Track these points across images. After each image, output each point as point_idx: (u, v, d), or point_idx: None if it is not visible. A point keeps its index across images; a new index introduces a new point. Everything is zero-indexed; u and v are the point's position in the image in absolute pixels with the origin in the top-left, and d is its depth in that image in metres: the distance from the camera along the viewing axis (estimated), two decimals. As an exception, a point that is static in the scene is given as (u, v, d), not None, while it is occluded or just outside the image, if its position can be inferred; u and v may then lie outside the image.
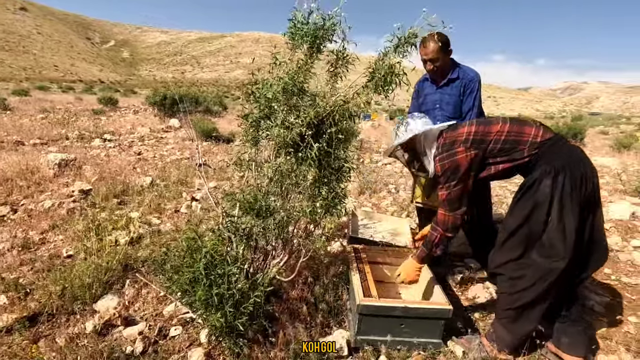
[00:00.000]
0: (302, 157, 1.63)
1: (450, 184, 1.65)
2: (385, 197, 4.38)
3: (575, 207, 1.49)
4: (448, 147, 1.67)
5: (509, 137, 1.60)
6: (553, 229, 1.51)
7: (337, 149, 1.65)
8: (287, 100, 1.61)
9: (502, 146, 1.61)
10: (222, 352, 1.68)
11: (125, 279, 2.26)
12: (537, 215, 1.55)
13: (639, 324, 2.05)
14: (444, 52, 2.20)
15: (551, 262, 1.52)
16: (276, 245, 1.87)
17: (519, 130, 1.61)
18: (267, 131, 1.69)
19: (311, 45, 1.62)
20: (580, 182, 1.50)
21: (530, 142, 1.57)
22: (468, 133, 1.66)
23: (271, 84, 1.60)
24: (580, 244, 1.53)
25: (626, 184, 4.90)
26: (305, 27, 1.58)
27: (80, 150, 5.96)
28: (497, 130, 1.62)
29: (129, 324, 1.90)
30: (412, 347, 1.72)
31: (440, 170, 1.69)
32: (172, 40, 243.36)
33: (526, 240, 1.59)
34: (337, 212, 1.82)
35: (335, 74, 1.74)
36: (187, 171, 4.85)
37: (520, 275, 1.60)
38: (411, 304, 1.69)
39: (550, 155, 1.55)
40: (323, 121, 1.63)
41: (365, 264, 2.03)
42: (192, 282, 1.49)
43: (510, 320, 1.67)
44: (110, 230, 2.83)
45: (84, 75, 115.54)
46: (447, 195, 1.67)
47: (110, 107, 15.06)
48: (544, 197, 1.52)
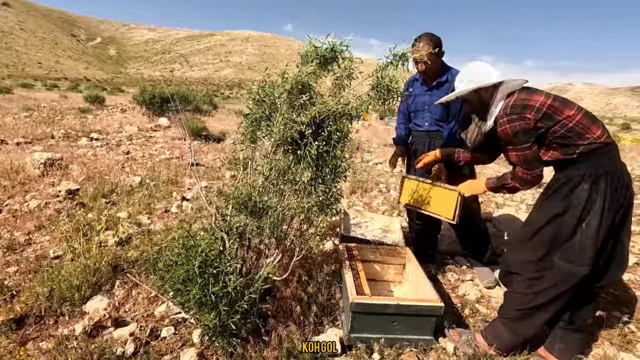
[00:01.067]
0: (300, 156, 1.65)
1: (524, 145, 1.57)
2: (377, 196, 4.41)
3: (611, 216, 1.49)
4: (520, 110, 1.56)
5: (576, 127, 1.52)
6: (588, 234, 1.49)
7: (335, 148, 1.67)
8: (292, 102, 1.65)
9: (566, 133, 1.53)
10: (214, 352, 1.67)
11: (115, 279, 2.23)
12: (569, 217, 1.52)
13: (622, 318, 2.11)
14: (435, 54, 2.21)
15: (573, 267, 1.51)
16: (269, 244, 1.87)
17: (587, 124, 1.52)
18: (267, 129, 1.71)
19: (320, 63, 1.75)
20: (618, 192, 1.49)
21: (590, 142, 1.50)
22: (543, 103, 1.54)
23: (278, 85, 1.64)
24: (604, 253, 1.54)
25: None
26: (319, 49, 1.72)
27: (67, 150, 5.84)
28: (569, 115, 1.53)
29: (119, 325, 1.88)
30: (404, 344, 1.73)
31: (510, 131, 1.58)
32: (161, 38, 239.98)
33: (551, 241, 1.57)
34: (331, 211, 1.84)
35: (339, 86, 1.81)
36: (177, 171, 4.79)
37: (540, 277, 1.59)
38: (403, 301, 1.71)
39: (597, 159, 1.51)
40: (324, 120, 1.66)
41: (357, 262, 2.05)
42: (186, 281, 1.48)
43: (515, 320, 1.66)
44: (98, 231, 2.78)
45: (69, 73, 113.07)
46: (525, 156, 1.59)
47: (97, 106, 14.75)
48: (578, 201, 1.51)
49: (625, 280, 2.59)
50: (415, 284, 2.05)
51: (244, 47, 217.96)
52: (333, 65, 1.83)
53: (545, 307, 1.60)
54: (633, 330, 2.00)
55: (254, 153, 1.92)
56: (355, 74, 1.84)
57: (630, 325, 2.04)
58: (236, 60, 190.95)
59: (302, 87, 1.73)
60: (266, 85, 1.78)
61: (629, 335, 1.94)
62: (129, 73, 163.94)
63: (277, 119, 1.72)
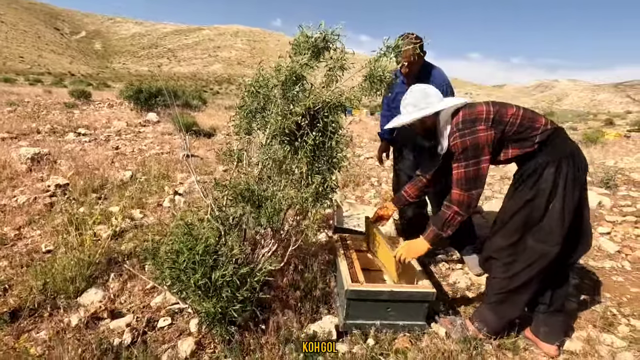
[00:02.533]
0: (297, 146, 1.68)
1: (468, 162, 1.60)
2: (368, 190, 4.46)
3: (576, 195, 1.57)
4: (469, 125, 1.61)
5: (524, 121, 1.60)
6: (554, 216, 1.58)
7: (331, 139, 1.70)
8: (286, 93, 1.66)
9: (518, 129, 1.60)
10: (212, 340, 1.69)
11: (110, 272, 2.22)
12: (538, 202, 1.60)
13: (604, 303, 2.20)
14: (418, 54, 2.24)
15: (545, 247, 1.60)
16: (265, 235, 1.90)
17: (532, 116, 1.62)
18: (262, 121, 1.73)
19: (312, 53, 1.75)
20: (579, 172, 1.59)
21: (542, 130, 1.59)
22: (488, 112, 1.62)
23: (272, 76, 1.66)
24: (572, 231, 1.62)
25: (593, 175, 5.18)
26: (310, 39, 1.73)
27: (54, 145, 5.73)
28: (512, 113, 1.61)
29: (115, 316, 1.88)
30: (398, 329, 1.78)
31: (460, 147, 1.61)
32: (147, 33, 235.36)
33: (524, 226, 1.64)
34: (326, 202, 1.87)
35: (331, 77, 1.83)
36: (168, 165, 4.76)
37: (514, 260, 1.67)
38: (397, 288, 1.76)
39: (554, 145, 1.60)
40: (318, 111, 1.68)
41: (351, 252, 2.09)
42: (187, 269, 1.49)
43: (498, 303, 1.74)
44: (91, 225, 2.76)
45: (52, 67, 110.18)
46: (465, 173, 1.62)
47: (83, 101, 14.44)
48: (546, 185, 1.58)
49: (608, 268, 2.70)
50: (407, 272, 2.10)
51: (233, 42, 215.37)
52: (325, 55, 1.86)
53: (523, 288, 1.68)
54: (614, 314, 2.09)
55: (249, 145, 1.94)
56: (346, 64, 1.87)
57: (611, 309, 2.13)
58: (225, 55, 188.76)
59: (295, 79, 1.75)
60: (260, 77, 1.80)
61: (610, 319, 2.03)
62: (115, 68, 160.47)
63: (272, 110, 1.75)
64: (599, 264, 2.74)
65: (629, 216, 3.67)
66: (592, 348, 1.75)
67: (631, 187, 4.87)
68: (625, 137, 13.86)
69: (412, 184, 2.09)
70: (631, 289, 2.39)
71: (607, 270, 2.67)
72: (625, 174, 5.55)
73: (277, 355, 1.57)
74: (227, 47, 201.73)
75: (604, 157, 7.54)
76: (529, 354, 1.75)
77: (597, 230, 3.34)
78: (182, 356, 1.59)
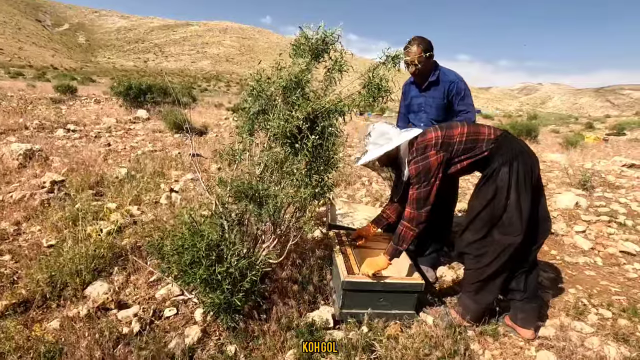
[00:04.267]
0: (298, 149, 1.79)
1: (420, 185, 1.83)
2: (359, 189, 4.61)
3: (529, 189, 1.78)
4: (421, 152, 1.85)
5: (469, 137, 1.84)
6: (512, 209, 1.79)
7: (328, 141, 1.83)
8: (287, 98, 1.77)
9: (465, 146, 1.84)
10: (217, 328, 1.81)
11: (113, 266, 2.30)
12: (498, 199, 1.81)
13: (576, 294, 2.40)
14: (425, 56, 2.29)
15: (509, 238, 1.80)
16: (266, 231, 2.02)
17: (475, 130, 1.86)
18: (264, 123, 1.83)
19: (312, 56, 1.86)
20: (530, 168, 1.79)
21: (486, 140, 1.83)
22: (437, 137, 1.85)
23: (274, 81, 1.75)
24: (532, 220, 1.82)
25: (572, 177, 5.46)
26: (311, 41, 1.83)
27: (45, 141, 5.69)
28: (458, 133, 1.85)
29: (122, 307, 1.97)
30: (390, 317, 1.93)
31: (414, 172, 1.85)
32: (133, 27, 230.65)
33: (490, 222, 1.85)
34: (324, 199, 2.01)
35: (330, 79, 1.95)
36: (162, 163, 4.81)
37: (484, 253, 1.87)
38: (389, 279, 1.90)
39: (504, 148, 1.82)
40: (317, 116, 1.80)
41: (347, 247, 2.22)
42: (192, 264, 1.60)
43: (475, 292, 1.93)
44: (91, 221, 2.83)
45: (34, 60, 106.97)
46: (417, 194, 1.84)
47: (69, 96, 14.19)
48: (503, 183, 1.79)
49: (582, 263, 2.91)
50: (399, 265, 2.25)
51: (222, 38, 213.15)
52: (325, 57, 1.97)
53: (495, 276, 1.88)
54: (585, 304, 2.29)
55: (251, 145, 2.05)
56: (345, 67, 1.99)
57: (583, 300, 2.33)
58: (213, 51, 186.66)
59: (296, 84, 1.87)
60: (261, 80, 1.90)
61: (581, 308, 2.23)
62: (100, 62, 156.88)
63: (275, 114, 1.86)
64: (573, 260, 2.95)
65: (603, 216, 3.92)
66: (564, 334, 1.93)
67: (606, 188, 5.15)
68: (604, 141, 14.41)
69: (389, 206, 2.29)
70: (601, 282, 2.60)
71: (581, 265, 2.88)
72: (601, 176, 5.85)
73: (279, 341, 1.70)
74: (215, 44, 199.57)
75: (583, 160, 7.88)
76: (507, 339, 1.92)
77: (574, 229, 3.57)
78: (189, 342, 1.70)
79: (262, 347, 1.68)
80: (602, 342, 1.87)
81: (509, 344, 1.89)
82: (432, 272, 2.57)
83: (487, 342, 1.90)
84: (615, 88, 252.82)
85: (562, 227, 3.58)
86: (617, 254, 3.05)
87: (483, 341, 1.89)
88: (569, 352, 1.78)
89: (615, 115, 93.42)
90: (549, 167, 6.69)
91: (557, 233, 3.46)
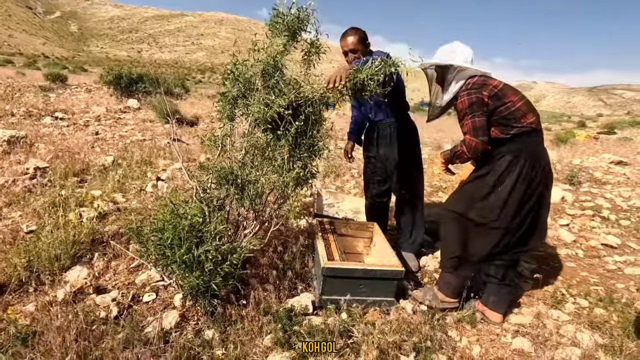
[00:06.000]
0: (280, 135, 1.78)
1: (475, 114, 1.80)
2: (349, 180, 4.61)
3: (523, 188, 1.79)
4: (478, 87, 1.82)
5: (516, 112, 1.79)
6: (500, 196, 1.81)
7: (313, 129, 1.82)
8: (266, 81, 1.75)
9: (507, 114, 1.80)
10: (196, 313, 1.80)
11: (94, 252, 2.28)
12: (487, 179, 1.84)
13: (555, 284, 2.44)
14: (362, 44, 2.31)
15: (486, 222, 1.84)
16: (248, 216, 2.01)
17: (525, 111, 1.81)
18: (244, 108, 1.81)
19: (288, 35, 1.83)
20: (538, 172, 1.80)
21: (523, 125, 1.79)
22: (495, 86, 1.81)
23: (252, 65, 1.73)
24: (522, 222, 1.84)
25: (560, 172, 5.52)
26: (286, 19, 1.80)
27: (31, 128, 5.59)
28: (512, 100, 1.80)
29: (100, 292, 1.95)
30: (369, 304, 1.94)
31: (467, 102, 1.82)
32: (127, 16, 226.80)
33: (469, 197, 1.89)
34: (307, 186, 2.00)
35: (309, 61, 1.93)
36: (150, 152, 4.76)
37: (461, 229, 1.92)
38: (369, 266, 1.91)
39: (523, 141, 1.80)
40: (301, 104, 1.79)
41: (329, 235, 2.23)
42: (172, 244, 1.59)
43: (453, 267, 1.99)
44: (73, 207, 2.79)
45: (24, 48, 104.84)
46: (473, 123, 1.81)
47: (59, 85, 13.93)
48: (499, 167, 1.81)
49: (563, 255, 2.95)
50: (381, 254, 2.26)
51: (217, 29, 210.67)
52: (302, 35, 1.94)
53: (471, 255, 1.93)
54: (564, 293, 2.32)
55: (233, 130, 2.03)
56: (322, 49, 1.98)
57: (561, 290, 2.36)
58: (209, 43, 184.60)
59: (274, 67, 1.84)
60: (238, 63, 1.87)
61: (559, 297, 2.26)
62: (92, 51, 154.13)
63: (255, 98, 1.84)
64: (556, 251, 2.99)
65: (588, 210, 3.97)
66: (540, 321, 1.96)
67: (593, 184, 5.22)
68: (594, 139, 14.57)
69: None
70: (581, 273, 2.64)
71: (563, 257, 2.92)
72: (589, 172, 5.91)
73: (257, 325, 1.70)
74: (210, 35, 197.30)
75: (572, 156, 7.96)
76: (484, 326, 1.95)
77: (558, 222, 3.62)
78: (167, 327, 1.69)
79: (240, 332, 1.68)
80: (576, 330, 1.91)
81: (485, 330, 1.92)
82: (415, 261, 2.58)
83: (464, 329, 1.92)
84: (608, 88, 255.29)
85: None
86: (598, 247, 3.10)
87: (461, 328, 1.91)
88: (543, 339, 1.81)
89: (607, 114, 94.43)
90: (538, 163, 6.75)
91: (542, 226, 3.50)
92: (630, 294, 2.36)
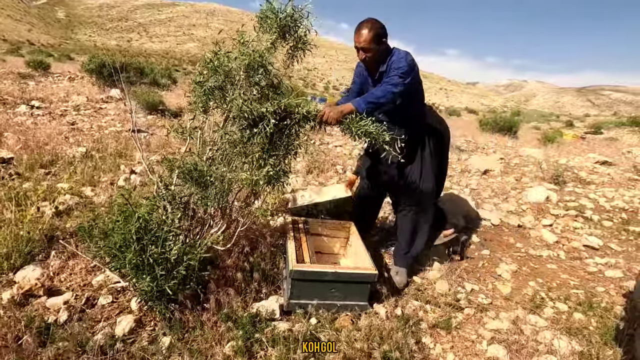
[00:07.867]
0: (255, 133, 1.66)
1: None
2: (332, 176, 4.50)
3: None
4: None
5: None
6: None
7: (291, 128, 1.71)
8: (250, 77, 1.63)
9: None
10: (153, 318, 1.68)
11: (51, 250, 2.13)
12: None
13: (535, 287, 2.37)
14: (375, 42, 1.97)
15: None
16: (214, 215, 1.88)
17: None
18: (221, 101, 1.69)
19: (278, 32, 1.73)
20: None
21: None
22: None
23: (235, 57, 1.61)
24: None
25: (545, 172, 5.49)
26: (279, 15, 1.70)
27: (2, 116, 5.34)
28: None
29: (52, 294, 1.82)
30: (340, 309, 1.84)
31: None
32: (117, 4, 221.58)
33: None
34: (279, 185, 1.88)
35: (293, 56, 1.81)
36: (127, 143, 4.58)
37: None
38: (341, 269, 1.81)
39: None
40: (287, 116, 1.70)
41: (302, 234, 2.11)
42: (122, 247, 1.46)
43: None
44: (34, 201, 2.63)
45: (8, 34, 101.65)
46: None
47: (41, 72, 13.44)
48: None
49: (545, 256, 2.89)
50: (356, 255, 2.16)
51: (209, 20, 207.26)
52: (292, 34, 1.82)
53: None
54: (543, 297, 2.26)
55: (204, 123, 1.90)
56: (309, 47, 1.86)
57: (541, 293, 2.30)
58: (200, 34, 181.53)
59: (260, 64, 1.71)
60: (220, 53, 1.74)
61: (538, 302, 2.20)
62: (80, 39, 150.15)
63: (235, 92, 1.71)
64: (537, 252, 2.94)
65: (571, 210, 3.94)
66: (517, 327, 1.89)
67: (577, 184, 5.20)
68: (581, 139, 14.71)
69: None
70: (562, 275, 2.59)
71: (544, 258, 2.87)
72: (574, 172, 5.91)
73: (217, 332, 1.59)
74: (202, 26, 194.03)
75: (559, 155, 7.98)
76: (460, 332, 1.87)
77: (541, 222, 3.57)
78: (120, 333, 1.57)
79: (199, 339, 1.56)
80: (554, 336, 1.84)
81: (460, 337, 1.84)
82: (403, 277, 2.25)
83: (439, 335, 1.84)
84: (596, 88, 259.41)
85: (530, 220, 3.58)
86: (580, 248, 3.06)
87: (435, 334, 1.83)
88: (519, 346, 1.74)
89: (594, 114, 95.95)
90: (525, 161, 6.73)
91: (525, 226, 3.45)
92: (610, 297, 2.32)
